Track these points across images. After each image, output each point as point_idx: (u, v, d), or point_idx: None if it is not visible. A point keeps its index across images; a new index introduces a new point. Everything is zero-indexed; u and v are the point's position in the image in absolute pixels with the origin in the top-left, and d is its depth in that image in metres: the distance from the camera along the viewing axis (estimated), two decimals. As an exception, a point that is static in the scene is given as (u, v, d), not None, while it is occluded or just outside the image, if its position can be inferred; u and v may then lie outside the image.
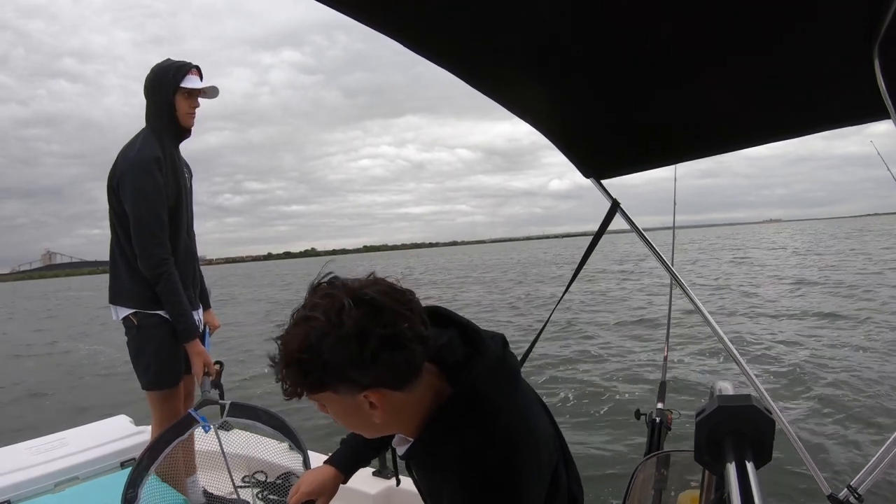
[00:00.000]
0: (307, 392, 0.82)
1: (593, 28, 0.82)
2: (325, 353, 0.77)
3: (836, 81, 0.95)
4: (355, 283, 0.82)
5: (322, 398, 0.84)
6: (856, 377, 5.62)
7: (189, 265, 2.18)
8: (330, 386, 0.81)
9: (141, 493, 1.73)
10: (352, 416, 0.86)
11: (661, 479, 1.32)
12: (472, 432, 0.85)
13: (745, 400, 0.62)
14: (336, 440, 1.33)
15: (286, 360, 0.80)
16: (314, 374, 0.79)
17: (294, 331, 0.80)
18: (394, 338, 0.78)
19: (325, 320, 0.77)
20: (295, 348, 0.78)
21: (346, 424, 0.89)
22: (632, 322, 9.58)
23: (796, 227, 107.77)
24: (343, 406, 0.84)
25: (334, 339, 0.76)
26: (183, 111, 2.05)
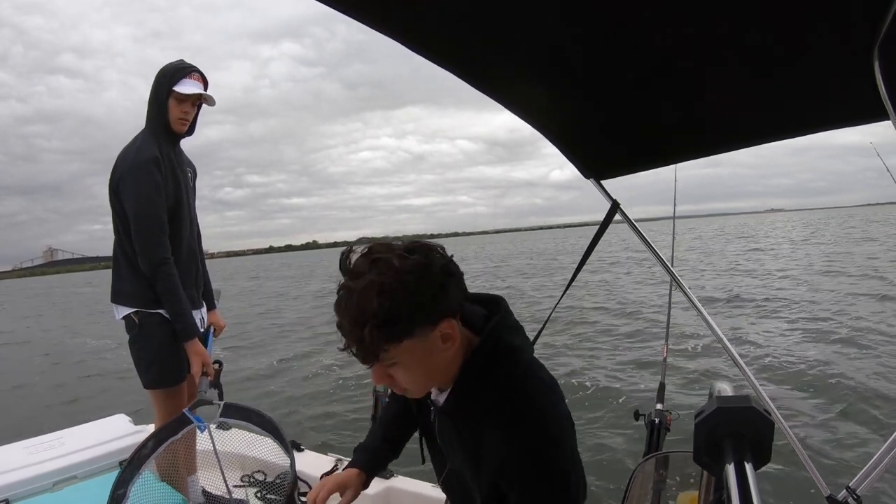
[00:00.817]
0: (389, 347, 0.85)
1: (593, 29, 0.82)
2: (401, 300, 0.83)
3: (835, 82, 0.95)
4: (384, 244, 0.89)
5: (399, 352, 0.87)
6: (855, 378, 5.62)
7: (191, 264, 2.19)
8: (410, 332, 0.86)
9: (130, 492, 1.72)
10: (426, 360, 0.91)
11: (660, 479, 1.33)
12: (503, 371, 0.95)
13: (744, 401, 0.62)
14: (330, 439, 1.34)
15: (366, 322, 0.82)
16: (398, 324, 0.84)
17: (364, 294, 0.82)
18: (448, 266, 0.90)
19: (390, 273, 0.83)
20: (374, 306, 0.82)
21: (418, 377, 0.93)
22: (632, 321, 9.58)
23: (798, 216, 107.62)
24: (420, 351, 0.88)
25: (404, 283, 0.83)
26: (174, 116, 2.05)
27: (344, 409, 5.82)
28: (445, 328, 0.89)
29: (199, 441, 2.19)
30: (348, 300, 0.84)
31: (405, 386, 0.94)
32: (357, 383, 6.69)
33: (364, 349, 0.85)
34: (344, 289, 0.86)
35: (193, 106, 2.09)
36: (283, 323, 13.34)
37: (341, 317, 0.86)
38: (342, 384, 6.81)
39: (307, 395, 6.47)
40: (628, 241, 22.19)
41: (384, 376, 0.92)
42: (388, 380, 0.92)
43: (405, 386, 0.94)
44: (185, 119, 2.07)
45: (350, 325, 0.84)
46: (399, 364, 0.89)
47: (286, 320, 13.84)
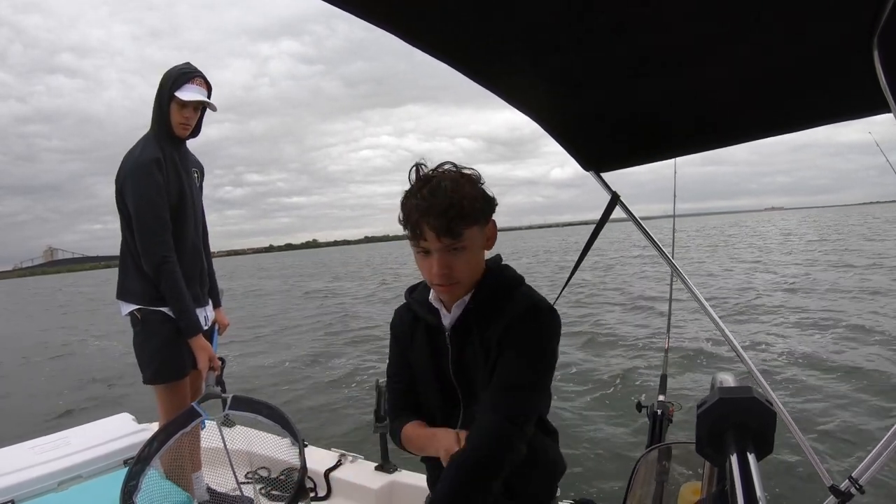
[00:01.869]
0: (467, 228, 1.07)
1: (594, 22, 0.81)
2: (480, 193, 1.12)
3: (835, 75, 0.95)
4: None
5: (469, 236, 1.09)
6: (858, 368, 5.63)
7: (196, 262, 2.21)
8: (479, 219, 1.11)
9: (142, 484, 1.75)
10: (478, 252, 1.15)
11: (663, 471, 1.33)
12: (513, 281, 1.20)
13: (746, 392, 0.62)
14: (335, 434, 1.35)
15: (461, 201, 1.06)
16: (476, 210, 1.09)
17: (458, 182, 1.09)
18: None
19: (472, 175, 1.12)
20: (467, 191, 1.08)
21: (471, 265, 1.14)
22: (634, 314, 9.59)
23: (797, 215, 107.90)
24: (479, 240, 1.13)
25: (480, 183, 1.13)
26: (176, 121, 2.07)
27: (347, 404, 5.84)
28: (492, 226, 1.17)
29: (205, 437, 2.20)
30: (447, 187, 1.06)
31: (460, 273, 1.11)
32: (360, 379, 6.71)
33: (453, 224, 1.05)
34: (434, 180, 1.08)
35: (195, 111, 2.10)
36: (284, 321, 13.36)
37: (433, 200, 1.05)
38: (345, 380, 6.83)
39: (310, 391, 6.50)
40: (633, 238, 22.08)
41: (447, 264, 1.09)
42: (448, 269, 1.09)
43: (460, 273, 1.11)
44: (186, 124, 2.09)
45: (444, 206, 1.04)
46: (465, 249, 1.09)
47: (287, 318, 13.86)
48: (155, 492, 1.81)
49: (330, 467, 2.42)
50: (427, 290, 1.25)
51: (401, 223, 1.13)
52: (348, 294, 18.84)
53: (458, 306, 1.19)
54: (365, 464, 2.44)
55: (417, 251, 1.12)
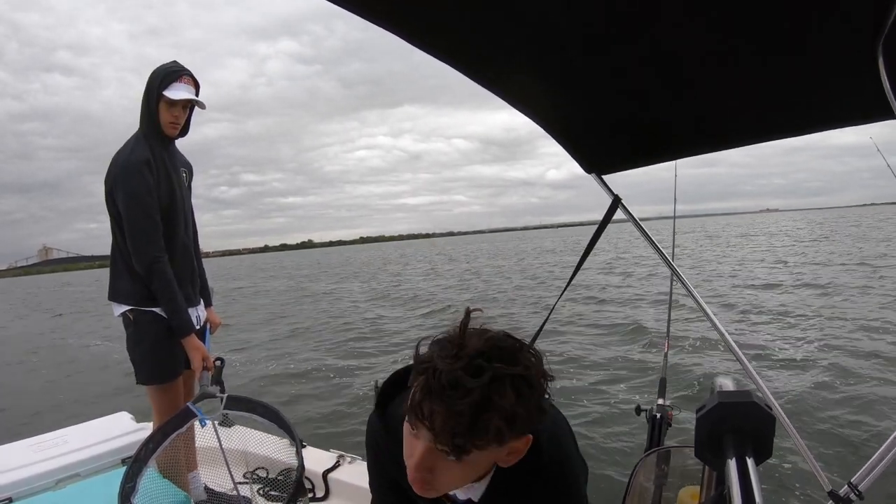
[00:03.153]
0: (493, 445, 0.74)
1: (596, 24, 0.81)
2: (528, 405, 0.73)
3: (838, 80, 0.95)
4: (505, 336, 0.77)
5: (481, 454, 0.76)
6: (858, 373, 5.62)
7: (187, 263, 2.21)
8: (513, 434, 0.75)
9: (139, 485, 1.75)
10: (483, 467, 0.83)
11: (662, 474, 1.33)
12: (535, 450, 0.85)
13: (745, 396, 0.62)
14: (334, 435, 1.33)
15: (490, 422, 0.71)
16: (525, 423, 0.75)
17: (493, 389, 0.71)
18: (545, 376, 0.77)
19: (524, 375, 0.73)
20: (509, 405, 0.71)
21: (465, 478, 0.83)
22: (633, 317, 9.59)
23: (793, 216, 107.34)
24: (491, 457, 0.80)
25: (528, 391, 0.73)
26: (165, 120, 2.07)
27: (346, 404, 5.83)
28: (523, 442, 0.81)
29: (201, 437, 2.20)
30: (469, 389, 0.70)
31: (441, 483, 0.81)
32: (359, 379, 6.70)
33: (460, 443, 0.73)
34: (464, 371, 0.71)
35: (184, 110, 2.10)
36: (284, 320, 13.36)
37: (449, 398, 0.71)
38: (344, 380, 6.82)
39: (309, 392, 6.49)
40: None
41: (428, 468, 0.78)
42: (428, 473, 0.78)
43: (441, 483, 0.81)
44: (175, 123, 2.09)
45: (456, 415, 0.71)
46: (462, 462, 0.76)
47: (287, 318, 13.86)
48: (152, 493, 1.81)
49: (328, 468, 2.42)
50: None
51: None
52: (353, 293, 18.85)
53: (464, 499, 0.95)
54: (363, 465, 2.44)
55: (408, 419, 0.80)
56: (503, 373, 0.71)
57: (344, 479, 2.36)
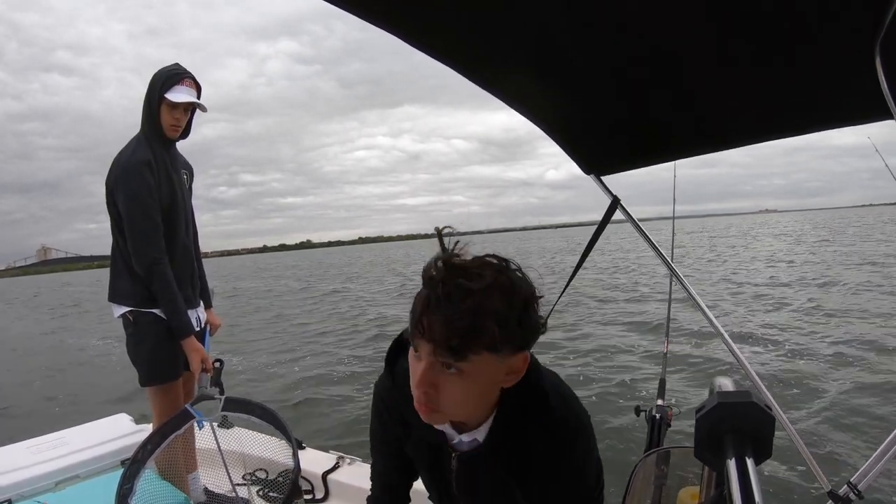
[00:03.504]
0: (479, 351, 0.79)
1: (595, 26, 0.81)
2: (522, 305, 0.80)
3: (837, 80, 0.95)
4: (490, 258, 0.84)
5: (477, 362, 0.80)
6: (856, 373, 5.63)
7: (187, 264, 2.21)
8: (509, 342, 0.80)
9: (137, 487, 1.75)
10: (484, 383, 0.85)
11: (662, 475, 1.33)
12: (540, 403, 0.93)
13: (745, 396, 0.62)
14: (332, 436, 1.33)
15: (496, 307, 0.77)
16: (520, 333, 0.81)
17: (488, 293, 0.77)
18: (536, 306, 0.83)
19: (514, 282, 0.80)
20: (501, 306, 0.77)
21: (467, 397, 0.86)
22: (632, 317, 9.59)
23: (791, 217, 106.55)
24: (491, 370, 0.83)
25: (527, 300, 0.81)
26: (166, 123, 2.07)
27: (346, 406, 5.83)
28: (521, 359, 0.86)
29: (201, 438, 2.20)
30: (465, 289, 0.77)
31: (446, 402, 0.84)
32: (359, 381, 6.70)
33: (457, 343, 0.78)
34: (460, 278, 0.78)
35: (185, 112, 2.10)
36: (284, 320, 13.35)
37: (445, 303, 0.77)
38: (344, 381, 6.82)
39: (309, 393, 6.48)
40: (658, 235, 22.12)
41: (432, 383, 0.82)
42: (432, 389, 0.83)
43: (446, 402, 0.84)
44: (176, 126, 2.09)
45: (453, 316, 0.77)
46: (463, 375, 0.81)
47: (286, 317, 13.85)
48: (150, 494, 1.80)
49: (327, 469, 2.42)
50: None
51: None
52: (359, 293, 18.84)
53: (468, 441, 0.97)
54: (363, 466, 2.44)
55: (411, 344, 0.86)
56: (494, 281, 0.78)
57: (343, 481, 2.36)
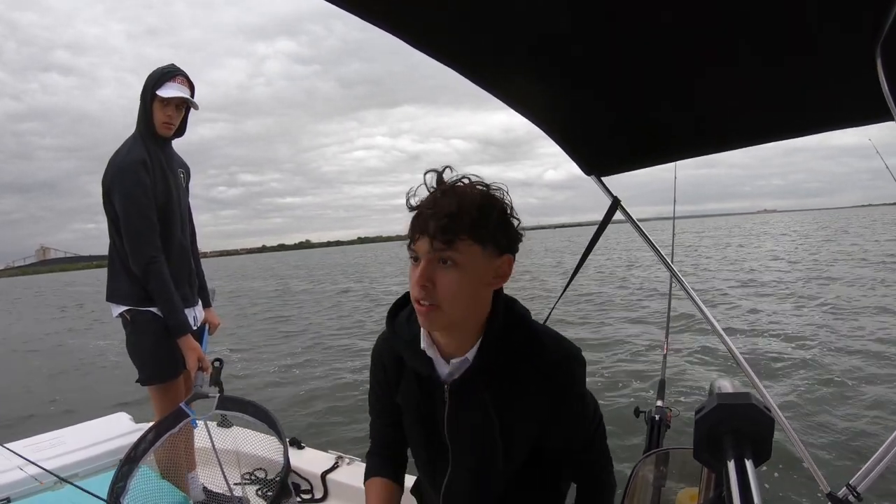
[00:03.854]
0: (465, 238, 0.92)
1: (596, 26, 0.81)
2: (496, 211, 0.95)
3: (837, 82, 0.95)
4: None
5: (467, 252, 0.93)
6: (856, 375, 5.63)
7: (184, 263, 2.21)
8: (486, 239, 0.94)
9: (130, 486, 1.73)
10: (476, 281, 0.96)
11: (661, 476, 1.32)
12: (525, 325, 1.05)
13: (744, 398, 0.62)
14: (331, 436, 1.34)
15: (463, 207, 0.91)
16: (485, 225, 0.93)
17: (471, 191, 0.95)
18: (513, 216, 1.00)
19: (493, 194, 0.97)
20: (476, 201, 0.93)
21: (461, 291, 0.95)
22: (633, 316, 9.59)
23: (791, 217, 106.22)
24: (480, 265, 0.95)
25: (503, 206, 0.97)
26: (159, 120, 2.08)
27: (345, 406, 5.83)
28: (506, 262, 0.98)
29: (201, 438, 2.20)
30: (457, 189, 0.94)
31: (442, 295, 0.94)
32: (358, 381, 6.70)
33: (448, 228, 0.91)
34: (450, 186, 0.96)
35: (178, 110, 2.11)
36: (283, 321, 13.35)
37: (441, 200, 0.92)
38: (343, 381, 6.82)
39: (308, 393, 6.48)
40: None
41: (430, 278, 0.94)
42: (430, 283, 0.94)
43: (442, 295, 0.94)
44: (169, 123, 2.10)
45: (447, 206, 0.91)
46: (457, 266, 0.93)
47: (285, 318, 13.85)
48: (144, 493, 1.79)
49: (327, 469, 2.41)
50: (413, 323, 1.07)
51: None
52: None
53: (460, 362, 1.03)
54: (362, 466, 2.43)
55: (410, 257, 0.98)
56: (474, 187, 0.96)
57: (342, 481, 2.36)
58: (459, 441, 1.08)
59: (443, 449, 1.11)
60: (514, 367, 1.02)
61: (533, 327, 1.06)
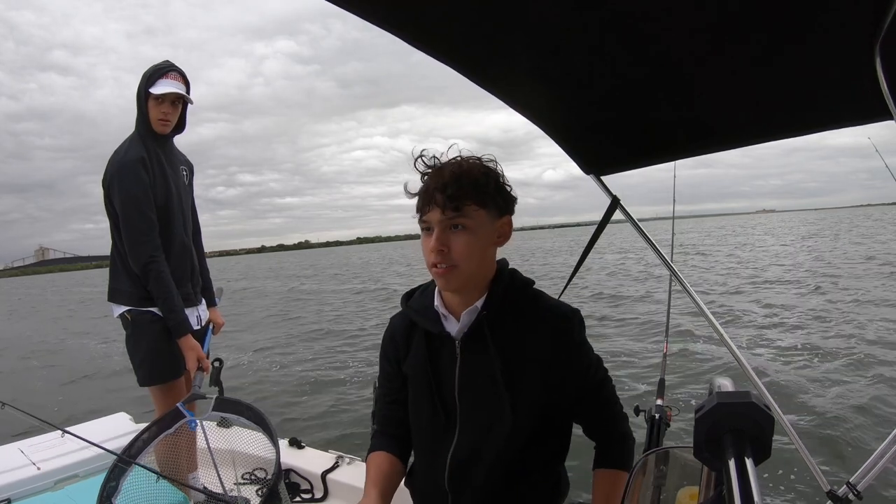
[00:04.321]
0: (471, 204, 1.04)
1: (595, 26, 0.81)
2: (494, 179, 1.08)
3: (836, 81, 0.95)
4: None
5: (475, 216, 1.05)
6: (855, 373, 5.63)
7: (186, 261, 2.20)
8: (489, 202, 1.07)
9: (122, 485, 1.70)
10: (485, 240, 1.08)
11: (661, 475, 1.32)
12: (526, 285, 1.16)
13: (744, 397, 0.61)
14: (330, 436, 1.35)
15: (466, 176, 1.04)
16: (486, 191, 1.06)
17: (472, 164, 1.08)
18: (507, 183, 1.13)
19: (491, 164, 1.10)
20: (477, 171, 1.07)
21: (474, 251, 1.06)
22: (632, 316, 9.59)
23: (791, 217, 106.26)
24: (487, 227, 1.08)
25: (497, 173, 1.10)
26: (153, 117, 2.07)
27: (345, 406, 5.83)
28: (506, 222, 1.11)
29: (201, 438, 2.20)
30: (457, 163, 1.07)
31: (458, 254, 1.05)
32: (358, 381, 6.70)
33: (457, 194, 1.02)
34: (451, 161, 1.08)
35: (174, 106, 2.09)
36: (282, 321, 13.35)
37: (444, 174, 1.05)
38: (343, 381, 6.82)
39: (308, 393, 6.48)
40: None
41: (444, 243, 1.04)
42: (445, 248, 1.04)
43: (458, 254, 1.05)
44: (165, 120, 2.08)
45: (451, 178, 1.03)
46: (467, 230, 1.05)
47: (285, 318, 13.85)
48: (136, 493, 1.77)
49: (327, 469, 2.41)
50: (424, 296, 1.20)
51: (417, 213, 1.10)
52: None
53: (470, 313, 1.12)
54: (362, 466, 2.44)
55: (422, 229, 1.09)
56: (470, 161, 1.09)
57: (342, 480, 2.36)
58: (468, 398, 1.13)
59: (450, 413, 1.15)
60: (518, 316, 1.12)
61: (534, 288, 1.17)
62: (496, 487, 1.13)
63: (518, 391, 1.10)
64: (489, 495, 1.13)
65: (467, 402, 1.13)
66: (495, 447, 1.11)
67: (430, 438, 1.19)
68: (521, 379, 1.10)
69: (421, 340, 1.18)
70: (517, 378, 1.10)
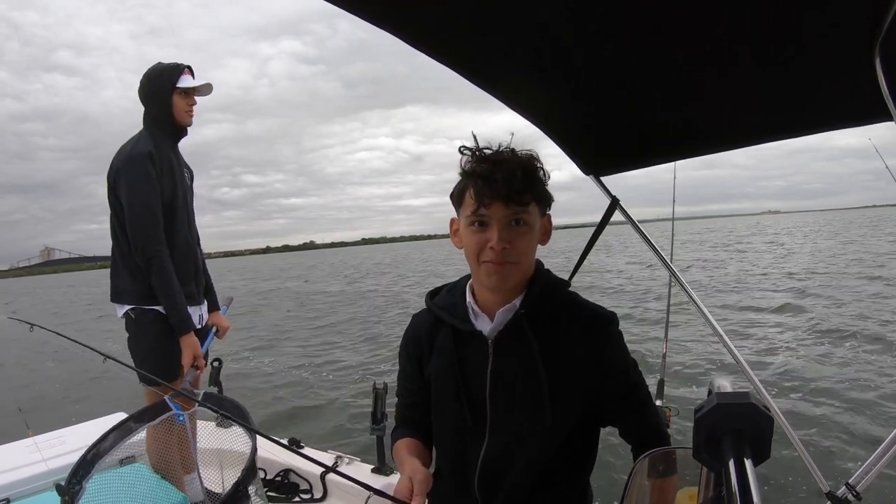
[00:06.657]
0: (531, 199, 1.02)
1: (595, 27, 0.81)
2: (543, 176, 1.06)
3: (836, 82, 0.95)
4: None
5: (531, 211, 1.03)
6: (855, 374, 5.63)
7: (189, 260, 2.20)
8: (540, 198, 1.05)
9: (87, 485, 1.59)
10: (535, 239, 1.07)
11: (660, 476, 1.32)
12: (562, 286, 1.14)
13: (743, 397, 0.61)
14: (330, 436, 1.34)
15: (531, 171, 1.02)
16: (541, 186, 1.05)
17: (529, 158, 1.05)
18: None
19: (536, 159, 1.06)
20: (536, 166, 1.04)
21: (529, 246, 1.05)
22: (632, 316, 9.58)
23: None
24: (537, 223, 1.05)
25: (544, 169, 1.06)
26: (181, 110, 2.11)
27: (344, 405, 5.83)
28: (548, 220, 1.10)
29: (202, 438, 2.19)
30: (516, 157, 1.03)
31: (520, 252, 1.03)
32: (358, 379, 6.70)
33: (523, 189, 1.00)
34: (502, 156, 1.03)
35: (194, 98, 2.16)
36: (282, 321, 13.34)
37: (503, 164, 1.00)
38: (343, 381, 6.82)
39: (307, 393, 6.48)
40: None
41: (508, 240, 1.01)
42: (509, 245, 1.01)
43: (520, 252, 1.03)
44: (191, 112, 2.15)
45: (514, 168, 1.00)
46: (525, 225, 1.02)
47: (285, 318, 13.85)
48: (149, 493, 1.75)
49: (326, 468, 2.41)
50: (452, 294, 1.16)
51: (452, 200, 1.08)
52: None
53: (506, 311, 1.08)
54: (361, 466, 2.44)
55: (471, 222, 1.03)
56: (519, 154, 1.04)
57: (342, 481, 2.35)
58: (502, 398, 1.08)
59: (479, 414, 1.10)
60: (555, 317, 1.09)
61: (569, 290, 1.16)
62: (528, 494, 1.09)
63: (557, 393, 1.06)
64: (521, 503, 1.10)
65: (500, 403, 1.08)
66: (530, 451, 1.08)
67: (457, 440, 1.14)
68: (559, 381, 1.06)
69: (447, 338, 1.13)
70: (555, 380, 1.06)
